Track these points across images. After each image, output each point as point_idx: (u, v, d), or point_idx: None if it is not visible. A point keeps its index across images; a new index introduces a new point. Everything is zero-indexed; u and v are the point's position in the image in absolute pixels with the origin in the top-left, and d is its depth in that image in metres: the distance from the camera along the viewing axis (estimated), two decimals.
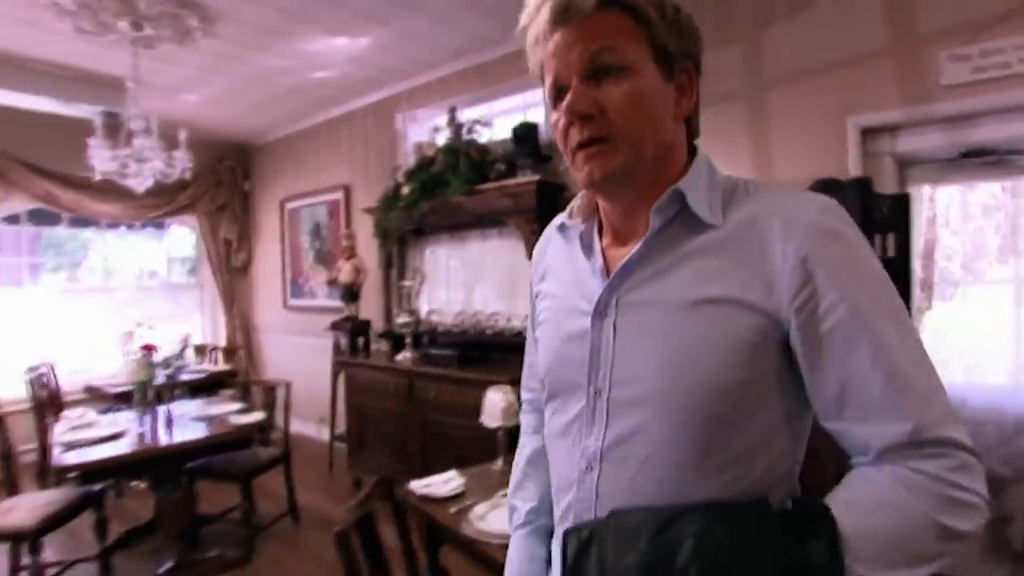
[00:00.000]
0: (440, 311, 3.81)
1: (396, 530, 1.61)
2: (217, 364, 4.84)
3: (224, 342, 5.29)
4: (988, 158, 2.24)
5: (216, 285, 5.35)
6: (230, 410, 3.12)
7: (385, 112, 4.16)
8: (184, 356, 3.03)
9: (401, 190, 3.53)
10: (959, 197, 2.56)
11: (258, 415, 2.95)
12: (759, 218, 0.66)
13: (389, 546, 1.50)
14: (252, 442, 2.95)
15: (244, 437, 2.85)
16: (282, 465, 3.26)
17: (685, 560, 0.57)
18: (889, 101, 2.37)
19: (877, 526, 0.58)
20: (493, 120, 3.55)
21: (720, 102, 2.80)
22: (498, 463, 2.05)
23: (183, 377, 3.94)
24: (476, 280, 3.65)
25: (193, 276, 5.58)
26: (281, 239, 5.12)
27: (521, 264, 3.25)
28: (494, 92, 3.61)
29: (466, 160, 3.29)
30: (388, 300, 3.92)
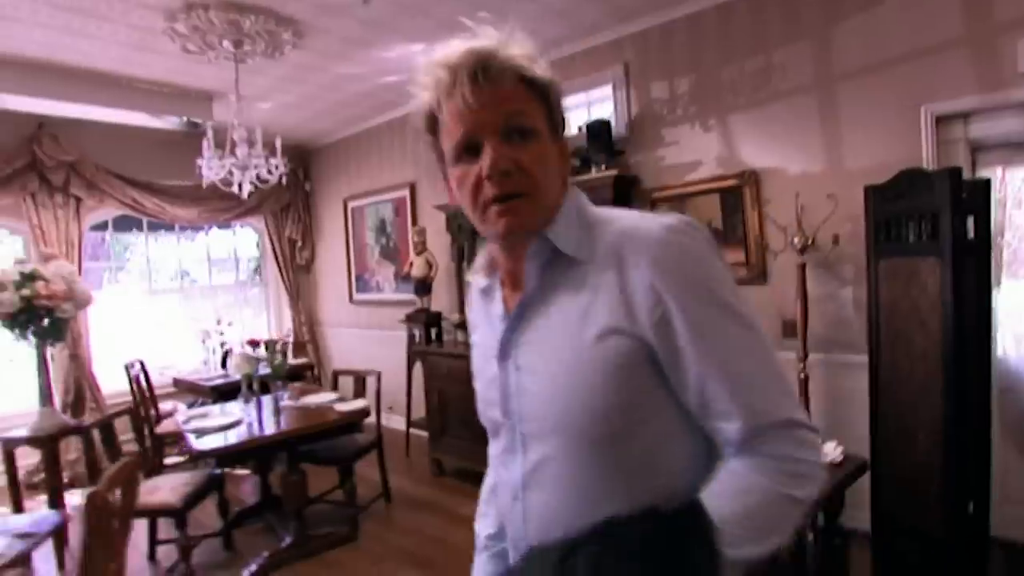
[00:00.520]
0: None
1: None
2: (287, 358, 5.08)
3: (291, 337, 5.55)
4: None
5: (283, 282, 5.61)
6: (329, 399, 3.35)
7: None
8: (286, 351, 3.24)
9: None
10: None
11: (361, 402, 3.17)
12: (616, 249, 0.72)
13: None
14: (356, 428, 3.17)
15: (351, 423, 3.08)
16: (375, 451, 3.50)
17: None
18: (964, 89, 2.46)
19: (739, 510, 0.65)
20: None
21: (789, 96, 2.91)
22: None
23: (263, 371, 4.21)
24: None
25: (256, 275, 5.85)
26: (345, 236, 5.35)
27: None
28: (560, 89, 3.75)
29: None
30: (461, 292, 4.12)
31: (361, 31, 3.21)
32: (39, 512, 2.64)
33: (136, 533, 2.74)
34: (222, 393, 4.08)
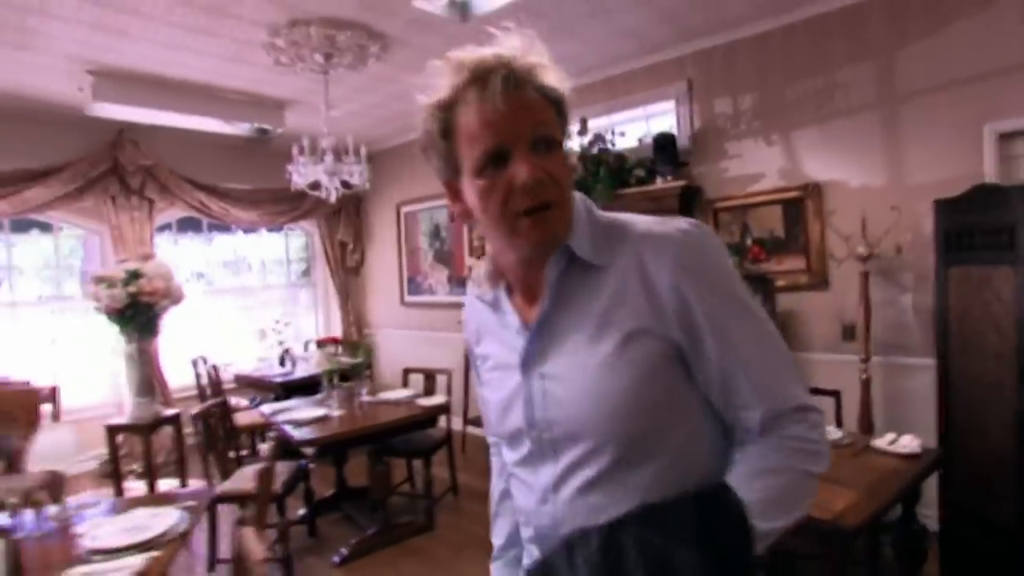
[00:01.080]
0: None
1: None
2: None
3: (340, 337, 5.72)
4: None
5: (333, 284, 5.79)
6: (404, 396, 3.51)
7: None
8: (370, 350, 3.41)
9: None
10: None
11: (441, 398, 3.34)
12: (637, 253, 0.74)
13: None
14: (433, 423, 3.34)
15: (431, 417, 3.25)
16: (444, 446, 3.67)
17: (633, 563, 0.65)
18: None
19: (766, 486, 0.71)
20: (616, 128, 3.88)
21: (852, 114, 3.09)
22: None
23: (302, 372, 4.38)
24: None
25: (305, 276, 6.04)
26: (397, 240, 5.53)
27: None
28: (620, 103, 3.94)
29: (605, 168, 3.63)
30: None
31: (445, 45, 3.33)
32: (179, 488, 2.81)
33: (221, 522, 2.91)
34: (288, 389, 4.25)
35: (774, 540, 0.71)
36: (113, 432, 3.15)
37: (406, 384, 3.88)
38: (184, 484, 3.48)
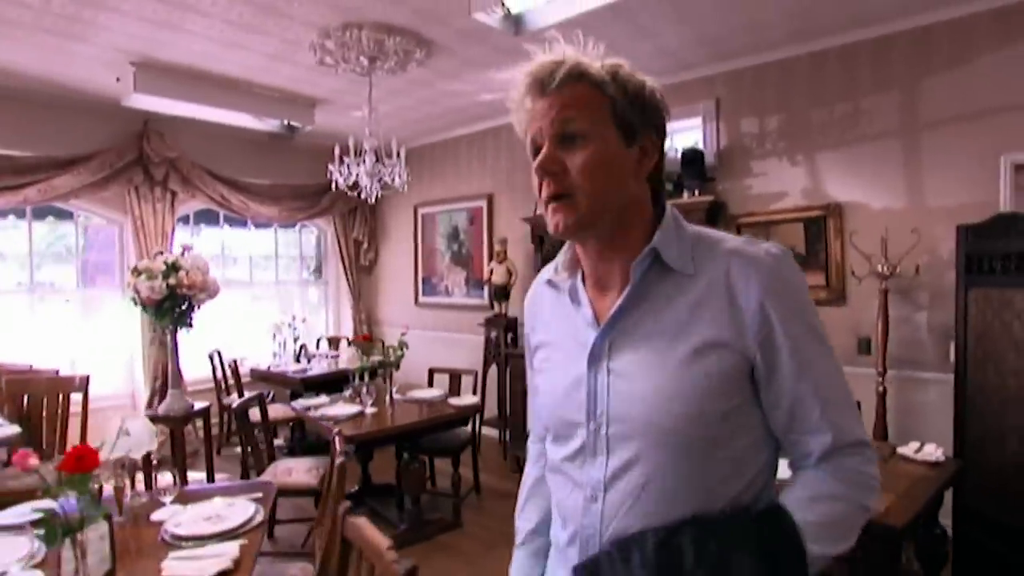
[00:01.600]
0: None
1: None
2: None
3: (351, 335, 5.74)
4: None
5: (346, 282, 5.81)
6: (432, 395, 3.57)
7: None
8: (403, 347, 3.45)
9: None
10: None
11: (473, 398, 3.42)
12: (725, 267, 0.76)
13: None
14: (468, 422, 3.41)
15: (464, 417, 3.32)
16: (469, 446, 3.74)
17: (691, 563, 0.68)
18: None
19: (821, 512, 0.74)
20: None
21: (875, 139, 3.26)
22: None
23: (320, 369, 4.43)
24: None
25: (315, 273, 6.04)
26: (414, 241, 5.59)
27: None
28: None
29: None
30: None
31: (489, 55, 3.46)
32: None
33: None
34: (308, 386, 4.28)
35: (821, 566, 0.73)
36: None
37: (431, 384, 3.94)
38: (211, 478, 3.48)
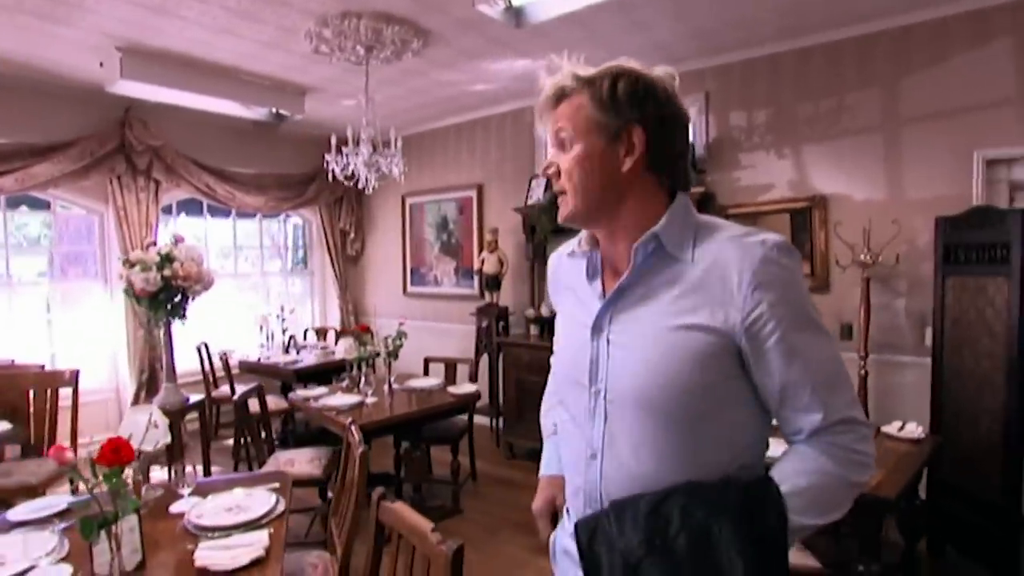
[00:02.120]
0: None
1: None
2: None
3: (338, 325, 5.71)
4: None
5: (333, 272, 5.76)
6: (430, 384, 3.61)
7: (525, 119, 4.64)
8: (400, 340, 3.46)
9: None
10: None
11: (471, 387, 3.47)
12: (720, 254, 0.81)
13: None
14: (468, 409, 3.46)
15: (463, 405, 3.37)
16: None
17: (676, 530, 0.77)
18: (1011, 139, 2.99)
19: (808, 486, 0.80)
20: None
21: (858, 134, 3.40)
22: None
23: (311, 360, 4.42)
24: None
25: (301, 264, 5.97)
26: (402, 231, 5.57)
27: None
28: None
29: None
30: (533, 288, 4.45)
31: (484, 46, 3.48)
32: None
33: None
34: (300, 377, 4.27)
35: (806, 535, 0.83)
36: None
37: (427, 373, 3.98)
38: (208, 471, 3.46)
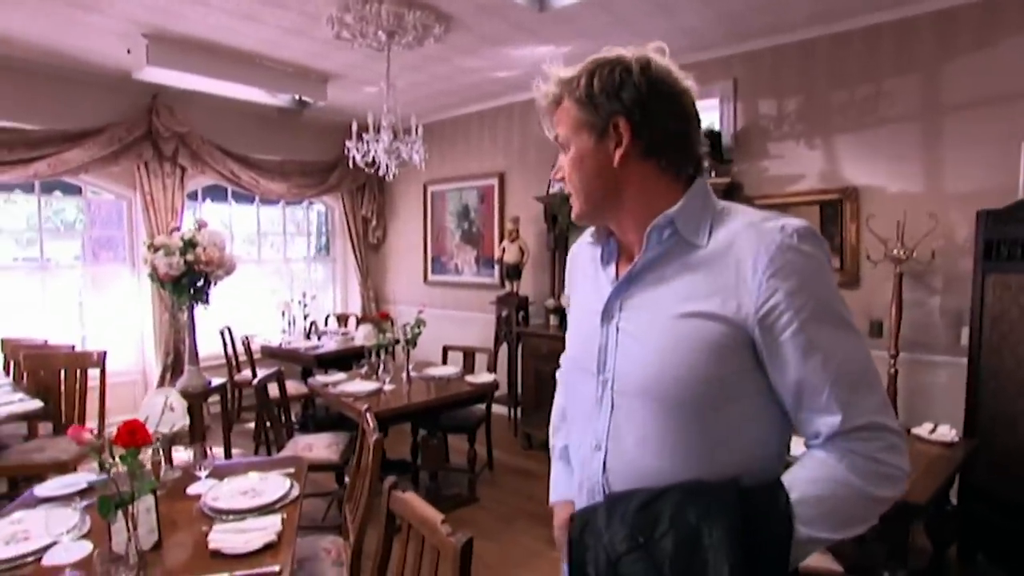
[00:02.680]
0: None
1: None
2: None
3: (359, 312, 5.75)
4: None
5: (354, 259, 5.80)
6: (448, 372, 3.60)
7: None
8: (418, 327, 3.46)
9: None
10: None
11: (489, 376, 3.45)
12: (736, 239, 0.77)
13: None
14: (487, 398, 3.45)
15: (481, 394, 3.36)
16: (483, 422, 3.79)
17: (664, 529, 0.72)
18: None
19: (820, 496, 0.72)
20: None
21: (895, 122, 3.25)
22: None
23: (332, 346, 4.44)
24: None
25: (323, 251, 6.02)
26: (423, 218, 5.57)
27: None
28: None
29: None
30: (554, 278, 4.41)
31: (507, 31, 3.42)
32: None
33: None
34: (321, 362, 4.30)
35: (816, 550, 0.73)
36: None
37: (445, 361, 3.97)
38: (229, 454, 3.52)
